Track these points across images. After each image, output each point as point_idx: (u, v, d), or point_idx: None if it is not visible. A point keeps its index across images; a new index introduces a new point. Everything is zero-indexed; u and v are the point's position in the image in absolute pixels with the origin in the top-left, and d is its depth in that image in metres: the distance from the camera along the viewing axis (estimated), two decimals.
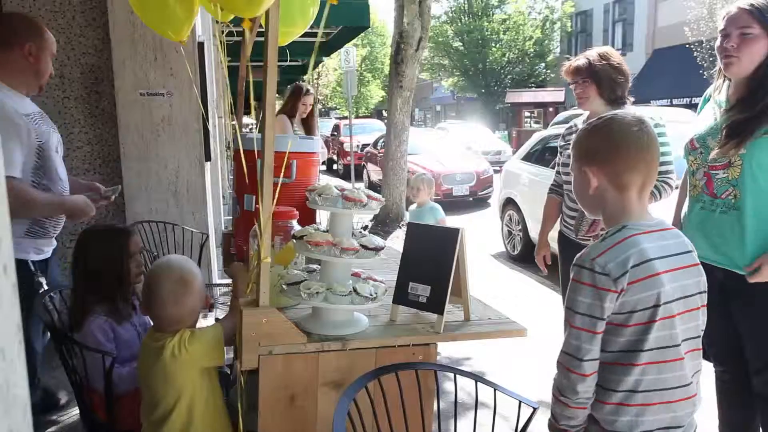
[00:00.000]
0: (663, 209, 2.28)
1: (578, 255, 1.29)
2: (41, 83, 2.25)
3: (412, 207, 4.28)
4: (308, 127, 5.04)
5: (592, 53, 2.57)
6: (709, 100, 2.19)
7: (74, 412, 2.77)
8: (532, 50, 26.23)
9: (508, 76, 27.07)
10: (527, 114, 24.30)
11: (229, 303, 2.02)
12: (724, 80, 2.10)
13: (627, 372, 1.24)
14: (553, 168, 5.72)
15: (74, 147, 3.92)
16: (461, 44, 27.28)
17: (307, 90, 5.05)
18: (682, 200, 2.26)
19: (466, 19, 27.44)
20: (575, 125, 2.76)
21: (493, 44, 26.64)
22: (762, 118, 1.89)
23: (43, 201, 2.21)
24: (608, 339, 1.26)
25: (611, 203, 1.31)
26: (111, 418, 1.85)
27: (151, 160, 3.87)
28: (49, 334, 2.04)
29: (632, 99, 2.58)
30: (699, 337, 1.31)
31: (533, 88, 25.82)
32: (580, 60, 2.58)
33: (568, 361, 1.26)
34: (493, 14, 27.32)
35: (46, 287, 2.20)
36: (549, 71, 27.01)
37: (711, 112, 2.12)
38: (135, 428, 1.75)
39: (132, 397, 1.82)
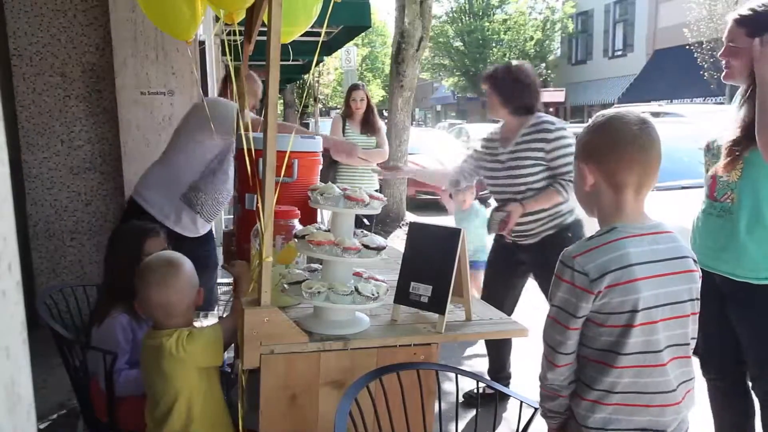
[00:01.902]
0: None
1: (563, 251, 1.29)
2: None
3: (456, 211, 4.34)
4: (368, 125, 4.59)
5: (501, 66, 2.77)
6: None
7: (74, 411, 2.77)
8: (532, 50, 26.18)
9: None
10: None
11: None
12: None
13: (605, 372, 1.24)
14: None
15: (75, 146, 3.92)
16: (462, 44, 27.25)
17: (354, 86, 4.70)
18: None
19: (467, 19, 27.39)
20: (498, 131, 2.87)
21: (494, 44, 26.60)
22: None
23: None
24: (590, 336, 1.26)
25: (606, 202, 1.30)
26: (112, 418, 1.84)
27: (152, 160, 3.85)
28: None
29: (541, 110, 2.73)
30: (687, 344, 1.30)
31: None
32: (488, 70, 2.76)
33: (547, 350, 1.30)
34: (493, 14, 27.28)
35: None
36: (550, 72, 26.98)
37: (728, 115, 2.09)
38: (137, 429, 1.75)
39: (138, 400, 1.82)
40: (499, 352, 3.06)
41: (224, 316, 1.79)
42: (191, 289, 1.70)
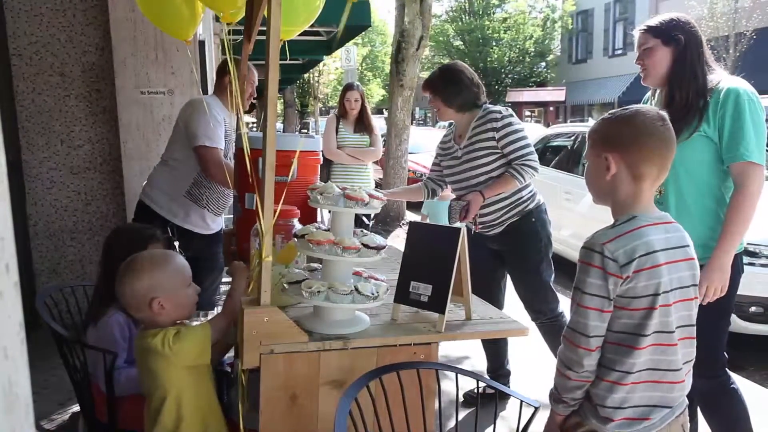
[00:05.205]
0: None
1: (587, 239, 1.34)
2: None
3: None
4: (362, 125, 4.67)
5: (435, 71, 2.82)
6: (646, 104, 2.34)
7: (75, 411, 2.77)
8: (532, 49, 26.18)
9: (509, 75, 27.03)
10: (528, 113, 24.30)
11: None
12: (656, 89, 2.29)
13: (628, 354, 1.30)
14: (554, 168, 5.74)
15: (75, 145, 3.93)
16: (462, 43, 27.23)
17: (349, 85, 4.80)
18: None
19: (467, 18, 27.37)
20: (451, 132, 2.95)
21: (494, 43, 26.59)
22: (681, 121, 2.01)
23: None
24: (612, 319, 1.32)
25: (624, 192, 1.36)
26: (112, 418, 1.84)
27: (152, 159, 3.86)
28: None
29: (486, 101, 2.78)
30: (693, 326, 1.38)
31: (534, 87, 25.82)
32: (426, 79, 2.82)
33: (576, 337, 1.33)
34: (493, 13, 27.26)
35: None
36: (550, 70, 26.96)
37: None
38: (139, 429, 1.74)
39: (139, 399, 1.82)
40: (496, 349, 3.06)
41: (214, 316, 1.78)
42: (170, 283, 1.64)
